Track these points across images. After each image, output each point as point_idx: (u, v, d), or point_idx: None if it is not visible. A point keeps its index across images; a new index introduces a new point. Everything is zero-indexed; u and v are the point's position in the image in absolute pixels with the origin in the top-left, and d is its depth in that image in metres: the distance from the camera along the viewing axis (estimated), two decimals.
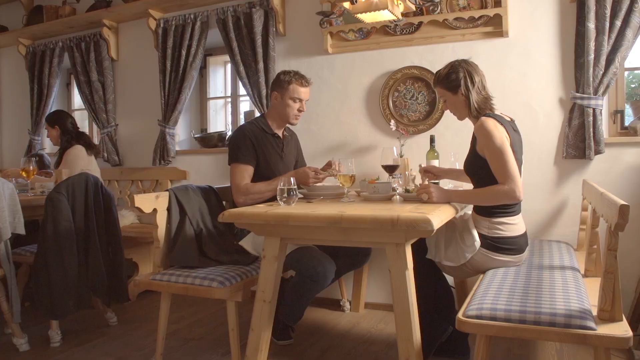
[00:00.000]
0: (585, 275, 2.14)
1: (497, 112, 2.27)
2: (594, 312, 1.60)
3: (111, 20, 4.19)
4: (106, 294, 2.83)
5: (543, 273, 2.04)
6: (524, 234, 2.26)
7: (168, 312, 2.39)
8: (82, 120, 4.93)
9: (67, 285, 2.62)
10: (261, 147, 2.69)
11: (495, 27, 2.97)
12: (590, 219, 2.13)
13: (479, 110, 2.24)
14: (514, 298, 1.71)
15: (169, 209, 2.46)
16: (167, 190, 2.49)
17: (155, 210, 2.37)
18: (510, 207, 2.20)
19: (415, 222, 1.67)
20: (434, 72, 2.49)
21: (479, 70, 2.29)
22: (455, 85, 2.26)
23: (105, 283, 2.79)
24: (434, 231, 1.68)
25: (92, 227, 2.77)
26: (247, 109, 4.02)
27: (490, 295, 1.75)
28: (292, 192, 2.10)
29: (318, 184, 2.62)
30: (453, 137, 3.09)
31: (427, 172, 2.63)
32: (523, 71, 2.95)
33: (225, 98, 4.27)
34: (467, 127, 2.64)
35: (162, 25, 3.89)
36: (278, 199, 2.12)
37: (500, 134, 2.10)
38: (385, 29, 3.24)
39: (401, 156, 3.09)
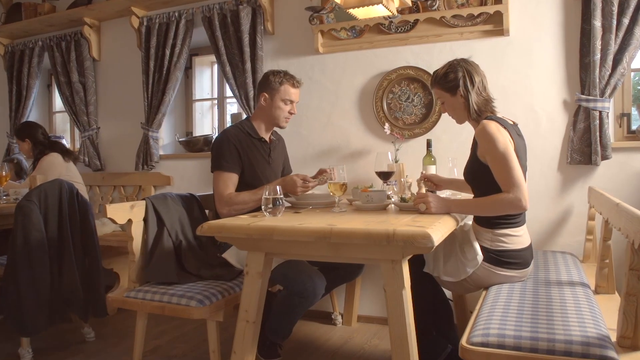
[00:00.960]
0: (596, 292, 1.98)
1: (499, 115, 2.11)
2: (613, 338, 1.44)
3: (92, 19, 4.00)
4: (82, 309, 2.65)
5: (551, 290, 1.87)
6: (529, 247, 2.10)
7: (144, 332, 2.20)
8: (64, 123, 4.75)
9: (39, 299, 2.45)
10: (246, 153, 2.52)
11: (496, 25, 2.81)
12: (601, 231, 1.97)
13: (479, 112, 2.09)
14: (523, 321, 1.54)
15: (145, 220, 2.27)
16: (143, 199, 2.31)
17: (130, 221, 2.19)
18: (514, 218, 2.04)
19: (413, 237, 1.50)
20: (431, 72, 2.34)
21: (479, 70, 2.13)
22: (453, 85, 2.10)
23: (81, 297, 2.62)
24: (434, 247, 1.51)
25: (67, 237, 2.60)
26: (235, 111, 3.86)
27: (497, 318, 1.58)
28: (278, 201, 1.93)
29: (307, 192, 2.44)
30: (451, 141, 2.93)
31: (427, 180, 2.47)
32: (524, 72, 2.80)
33: (211, 100, 4.09)
34: (466, 130, 2.49)
35: (145, 23, 3.71)
36: (263, 209, 1.95)
37: (504, 138, 1.94)
38: (379, 27, 3.08)
39: (396, 161, 2.93)
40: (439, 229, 1.60)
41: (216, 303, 2.04)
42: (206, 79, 4.11)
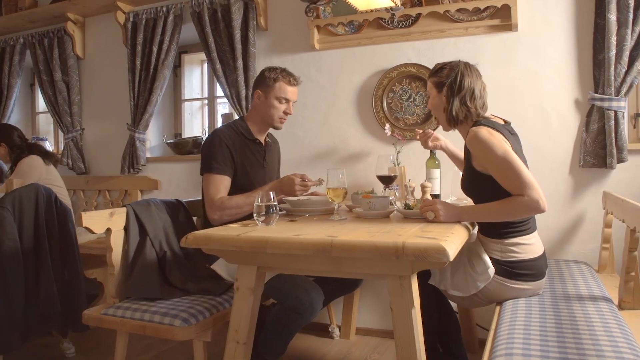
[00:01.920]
0: (620, 307, 1.81)
1: (487, 115, 1.95)
2: None
3: (76, 14, 3.80)
4: (60, 323, 2.48)
5: (573, 305, 1.70)
6: (543, 255, 1.94)
7: (125, 352, 2.00)
8: (47, 124, 4.55)
9: (12, 314, 2.26)
10: (239, 155, 2.34)
11: (503, 19, 2.65)
12: (627, 240, 1.80)
13: (456, 121, 1.94)
14: (548, 342, 1.37)
15: (126, 229, 2.08)
16: (124, 206, 2.12)
17: (109, 230, 1.99)
18: (523, 225, 1.88)
19: (426, 251, 1.32)
20: None
21: (477, 80, 1.94)
22: (441, 82, 1.96)
23: (59, 310, 2.44)
24: (449, 262, 1.33)
25: (44, 246, 2.42)
26: (226, 111, 3.68)
27: (519, 337, 1.41)
28: (272, 209, 1.75)
29: (304, 197, 2.27)
30: (455, 142, 2.75)
31: (435, 139, 2.38)
32: (534, 69, 2.63)
33: (201, 100, 3.91)
34: None
35: (131, 19, 3.52)
36: (255, 217, 1.77)
37: (500, 141, 1.78)
38: (379, 22, 2.91)
39: (397, 164, 2.75)
40: (453, 241, 1.43)
41: (203, 322, 1.85)
42: (196, 77, 3.92)
